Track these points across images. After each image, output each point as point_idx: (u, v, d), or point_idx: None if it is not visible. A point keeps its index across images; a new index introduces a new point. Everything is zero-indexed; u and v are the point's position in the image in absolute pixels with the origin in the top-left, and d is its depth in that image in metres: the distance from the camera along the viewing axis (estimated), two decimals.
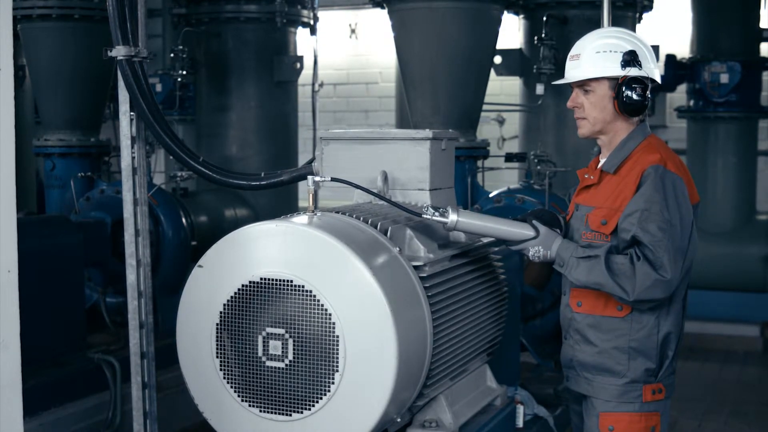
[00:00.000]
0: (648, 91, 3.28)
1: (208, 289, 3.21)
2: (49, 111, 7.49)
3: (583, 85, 3.33)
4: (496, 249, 3.99)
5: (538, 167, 6.51)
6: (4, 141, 2.87)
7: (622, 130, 3.34)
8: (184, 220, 6.87)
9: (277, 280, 3.09)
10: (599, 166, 3.38)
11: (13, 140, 2.90)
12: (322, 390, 3.06)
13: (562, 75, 3.42)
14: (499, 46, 7.11)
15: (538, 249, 3.29)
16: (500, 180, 8.45)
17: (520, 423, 4.10)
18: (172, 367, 4.09)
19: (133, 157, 4.37)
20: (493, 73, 7.24)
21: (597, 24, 5.44)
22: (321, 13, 8.72)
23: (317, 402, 3.07)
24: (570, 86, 3.39)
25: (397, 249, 3.28)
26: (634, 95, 3.25)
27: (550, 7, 7.40)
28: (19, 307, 2.92)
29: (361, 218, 3.36)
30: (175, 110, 9.15)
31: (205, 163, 4.47)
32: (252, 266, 3.14)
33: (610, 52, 3.28)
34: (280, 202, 7.75)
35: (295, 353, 3.08)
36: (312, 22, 8.43)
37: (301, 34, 8.54)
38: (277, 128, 8.20)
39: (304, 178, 3.82)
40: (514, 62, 7.97)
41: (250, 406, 3.17)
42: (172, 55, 8.44)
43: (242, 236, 3.20)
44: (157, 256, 6.50)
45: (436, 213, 3.35)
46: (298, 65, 8.10)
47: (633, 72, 3.25)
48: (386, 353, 3.00)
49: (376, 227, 3.33)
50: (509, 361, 4.65)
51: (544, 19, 7.27)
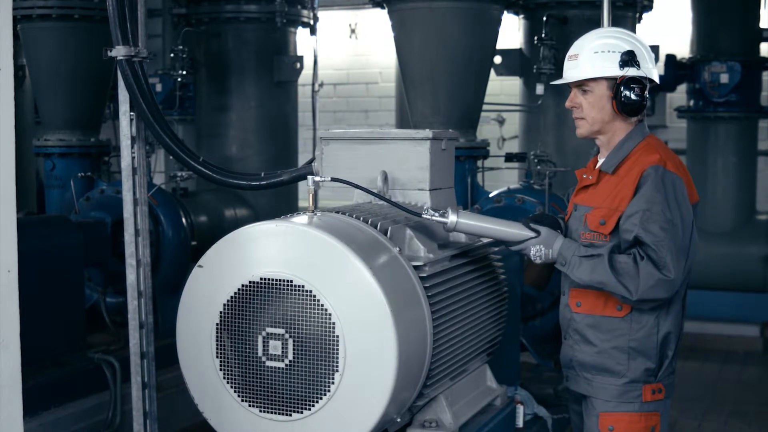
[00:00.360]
0: (646, 91, 3.27)
1: (208, 289, 3.21)
2: (49, 111, 7.49)
3: (582, 85, 3.32)
4: (496, 249, 3.98)
5: (538, 167, 6.51)
6: (4, 141, 2.87)
7: (621, 131, 3.33)
8: (184, 220, 6.87)
9: (277, 280, 3.09)
10: (597, 166, 3.37)
11: (13, 140, 2.90)
12: (322, 390, 3.06)
13: (561, 75, 3.42)
14: (499, 46, 7.11)
15: (540, 248, 3.27)
16: (500, 180, 8.45)
17: (520, 423, 4.10)
18: (172, 367, 4.09)
19: (133, 157, 4.38)
20: (493, 73, 7.23)
21: (597, 24, 5.44)
22: (321, 13, 8.72)
23: (317, 402, 3.07)
24: (568, 86, 3.38)
25: (397, 249, 3.28)
26: (633, 95, 3.24)
27: (550, 7, 7.40)
28: (19, 307, 2.92)
29: (361, 218, 3.36)
30: (175, 110, 9.14)
31: (205, 163, 4.47)
32: (252, 266, 3.14)
33: (609, 52, 3.27)
34: (280, 202, 7.75)
35: (295, 353, 3.08)
36: (312, 22, 8.42)
37: (301, 34, 8.54)
38: (277, 128, 8.20)
39: (304, 178, 3.83)
40: (514, 62, 7.97)
41: (250, 406, 3.16)
42: (172, 55, 8.44)
43: (242, 236, 3.20)
44: (157, 256, 6.50)
45: (436, 214, 3.35)
46: (298, 65, 8.10)
47: (631, 72, 3.24)
48: (386, 353, 3.00)
49: (376, 227, 3.33)
50: (509, 361, 4.65)
51: (544, 19, 7.27)
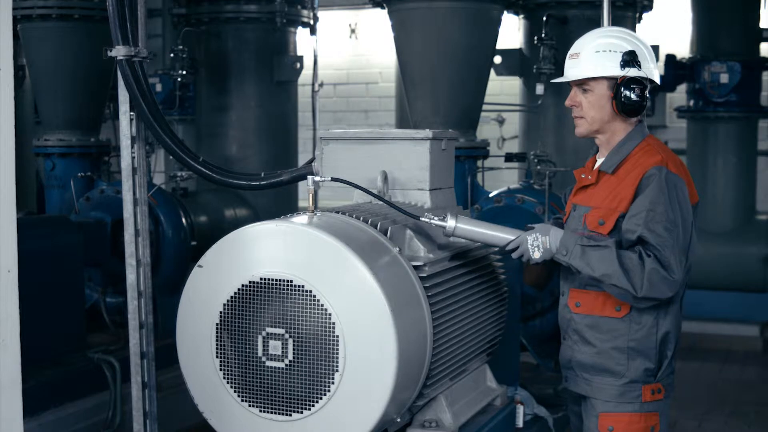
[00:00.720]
0: (647, 92, 3.25)
1: (208, 289, 3.21)
2: (49, 111, 7.49)
3: (582, 84, 3.31)
4: (497, 249, 3.98)
5: (538, 167, 6.51)
6: (4, 141, 2.87)
7: (620, 131, 3.32)
8: (184, 220, 6.87)
9: (277, 280, 3.09)
10: (597, 166, 3.36)
11: (13, 140, 2.91)
12: (321, 390, 3.06)
13: (562, 74, 3.41)
14: (499, 46, 7.11)
15: (536, 236, 3.24)
16: (500, 180, 8.45)
17: (520, 423, 4.10)
18: (172, 367, 4.09)
19: (133, 157, 4.37)
20: (493, 73, 7.23)
21: (597, 24, 5.43)
22: (321, 13, 8.72)
23: (317, 402, 3.07)
24: (569, 84, 3.37)
25: (397, 249, 3.28)
26: (633, 96, 3.22)
27: (550, 7, 7.40)
28: (19, 307, 2.92)
29: (361, 218, 3.36)
30: (175, 110, 9.14)
31: (205, 163, 4.46)
32: (252, 266, 3.14)
33: (610, 51, 3.26)
34: (280, 202, 7.74)
35: (295, 353, 3.08)
36: (312, 22, 8.42)
37: (301, 34, 8.54)
38: (277, 128, 8.20)
39: (304, 178, 3.82)
40: (514, 62, 7.97)
41: (249, 406, 3.17)
42: (172, 55, 8.44)
43: (242, 236, 3.20)
44: (157, 256, 6.49)
45: (435, 218, 3.33)
46: (298, 65, 8.10)
47: (632, 72, 3.23)
48: (386, 353, 3.00)
49: (376, 227, 3.33)
50: (509, 361, 4.65)
51: (544, 19, 7.27)
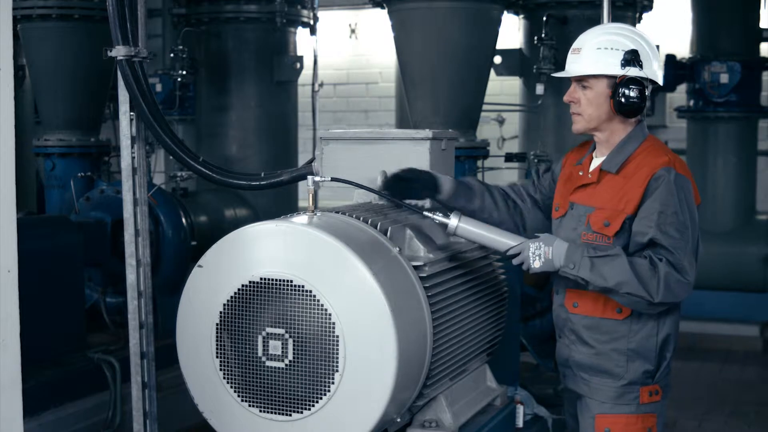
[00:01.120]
0: (646, 93, 3.20)
1: (208, 289, 3.21)
2: (49, 111, 7.49)
3: (581, 80, 3.25)
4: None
5: (538, 167, 6.51)
6: (4, 141, 2.87)
7: (620, 130, 3.27)
8: (184, 220, 6.86)
9: (277, 280, 3.09)
10: (598, 165, 3.30)
11: (13, 140, 2.91)
12: (321, 390, 3.06)
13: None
14: (499, 46, 7.11)
15: (539, 245, 3.15)
16: (500, 180, 8.38)
17: (520, 423, 4.09)
18: (172, 367, 4.09)
19: (133, 157, 4.37)
20: (493, 73, 7.23)
21: (597, 23, 5.42)
22: (321, 13, 8.71)
23: (317, 402, 3.07)
24: (569, 80, 3.32)
25: (397, 249, 3.28)
26: (631, 96, 3.16)
27: (550, 7, 7.40)
28: (19, 307, 2.92)
29: (361, 218, 3.36)
30: (175, 110, 9.15)
31: (205, 163, 4.46)
32: (252, 266, 3.14)
33: (612, 49, 3.20)
34: (280, 202, 7.75)
35: (295, 353, 3.07)
36: (312, 22, 8.42)
37: (301, 34, 8.54)
38: (277, 128, 8.20)
39: (304, 178, 3.82)
40: (514, 62, 7.98)
41: (249, 406, 3.16)
42: (172, 55, 8.45)
43: (242, 236, 3.19)
44: (157, 256, 6.49)
45: (439, 214, 3.32)
46: (298, 65, 8.10)
47: (632, 72, 3.18)
48: (386, 353, 3.00)
49: (376, 227, 3.33)
50: (509, 361, 4.65)
51: (544, 19, 7.27)
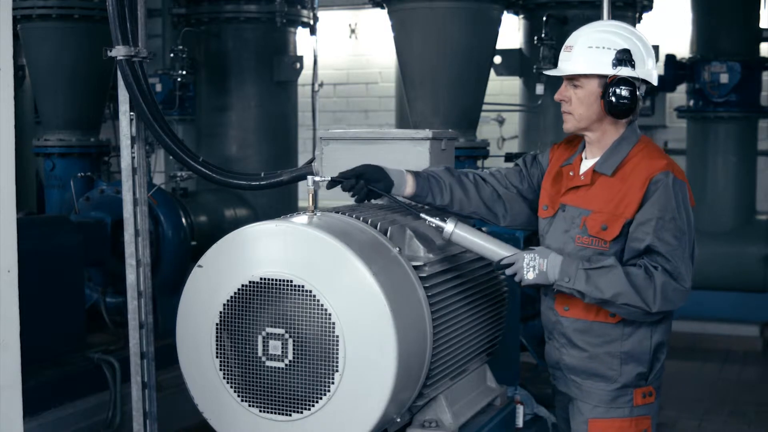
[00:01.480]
0: (638, 93, 3.11)
1: (207, 289, 3.21)
2: (49, 111, 7.49)
3: (573, 79, 3.17)
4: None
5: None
6: (4, 141, 2.87)
7: (611, 131, 3.19)
8: (184, 220, 6.87)
9: (276, 280, 3.09)
10: (590, 166, 3.21)
11: (12, 140, 2.91)
12: (321, 390, 3.06)
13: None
14: (499, 46, 7.11)
15: (534, 256, 3.11)
16: None
17: (520, 423, 4.09)
18: (172, 367, 4.08)
19: (133, 157, 4.38)
20: (493, 73, 7.23)
21: None
22: (321, 13, 8.72)
23: (317, 402, 3.07)
24: (562, 77, 3.24)
25: (397, 249, 3.28)
26: (622, 97, 3.08)
27: (550, 7, 7.41)
28: (19, 307, 2.92)
29: (361, 218, 3.36)
30: (175, 110, 9.15)
31: (205, 163, 4.47)
32: (252, 266, 3.14)
33: (604, 48, 3.11)
34: (280, 202, 7.75)
35: (294, 353, 3.08)
36: (312, 22, 8.43)
37: (301, 34, 8.54)
38: (277, 128, 8.20)
39: (304, 178, 3.82)
40: (514, 62, 7.98)
41: (250, 406, 3.16)
42: (172, 55, 8.45)
43: (242, 236, 3.19)
44: (157, 256, 6.49)
45: (436, 218, 3.29)
46: (298, 65, 8.10)
47: (624, 72, 3.09)
48: (386, 353, 3.00)
49: (376, 227, 3.33)
50: (509, 361, 4.65)
51: (544, 19, 7.27)
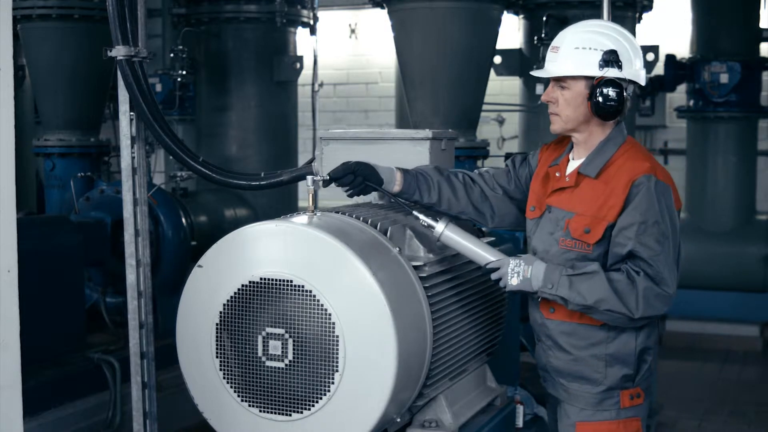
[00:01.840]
0: (626, 94, 3.08)
1: (207, 289, 3.21)
2: (49, 111, 7.48)
3: (560, 80, 3.16)
4: (496, 249, 3.97)
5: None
6: (4, 141, 2.87)
7: (598, 132, 3.17)
8: (184, 220, 6.86)
9: (276, 280, 3.09)
10: (575, 167, 3.20)
11: (12, 140, 2.91)
12: (321, 390, 3.06)
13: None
14: (499, 46, 7.11)
15: (519, 263, 3.12)
16: None
17: (520, 423, 4.09)
18: (172, 367, 4.08)
19: (133, 157, 4.38)
20: (493, 73, 7.23)
21: None
22: (321, 13, 8.71)
23: (317, 402, 3.07)
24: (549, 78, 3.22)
25: (397, 249, 3.28)
26: (608, 99, 3.05)
27: (550, 7, 7.40)
28: (19, 307, 2.92)
29: (361, 218, 3.36)
30: (175, 110, 9.15)
31: (205, 163, 4.46)
32: (252, 266, 3.14)
33: (590, 49, 3.10)
34: (280, 202, 7.75)
35: (294, 353, 3.08)
36: (312, 22, 8.42)
37: (301, 34, 8.54)
38: (277, 128, 8.20)
39: (304, 178, 3.82)
40: (514, 62, 7.97)
41: (249, 406, 3.16)
42: (172, 55, 8.45)
43: (242, 236, 3.19)
44: (157, 256, 6.49)
45: (428, 218, 3.28)
46: (298, 65, 8.10)
47: (611, 73, 3.06)
48: (386, 353, 3.00)
49: (376, 227, 3.33)
50: (509, 361, 4.65)
51: (544, 19, 7.27)
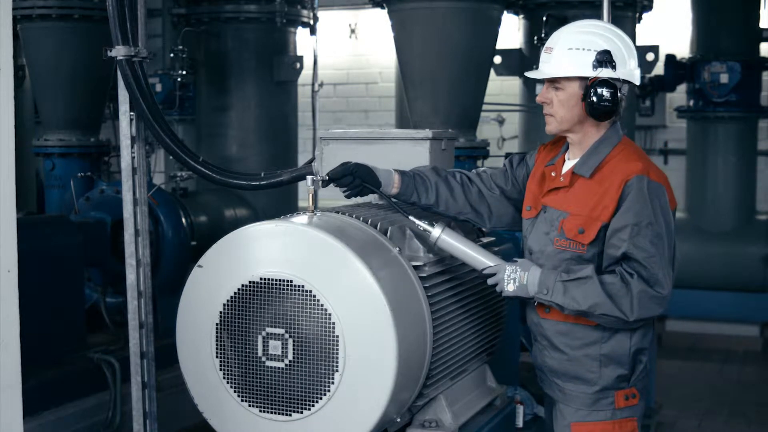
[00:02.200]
0: (620, 94, 3.09)
1: (207, 289, 3.21)
2: (49, 111, 7.48)
3: (554, 81, 3.15)
4: (496, 249, 3.98)
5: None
6: (4, 141, 2.87)
7: (593, 132, 3.18)
8: (184, 220, 6.86)
9: (276, 280, 3.09)
10: (570, 167, 3.21)
11: (12, 140, 2.91)
12: (321, 390, 3.06)
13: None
14: (499, 46, 7.11)
15: (515, 269, 3.13)
16: None
17: (520, 423, 4.09)
18: (172, 367, 4.09)
19: (133, 157, 4.37)
20: (493, 73, 7.23)
21: None
22: (321, 13, 8.71)
23: (317, 402, 3.07)
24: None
25: (397, 249, 3.28)
26: (603, 99, 3.05)
27: (550, 7, 7.39)
28: (19, 307, 2.92)
29: (361, 218, 3.36)
30: (175, 110, 9.14)
31: (205, 163, 4.46)
32: (252, 266, 3.14)
33: (583, 50, 3.09)
34: (280, 202, 7.74)
35: (294, 353, 3.08)
36: (312, 22, 8.42)
37: (301, 34, 8.53)
38: (277, 128, 8.20)
39: (304, 178, 3.82)
40: (514, 62, 7.96)
41: (249, 406, 3.17)
42: (172, 55, 8.45)
43: (242, 236, 3.20)
44: (157, 256, 6.49)
45: (424, 222, 3.27)
46: (298, 65, 8.10)
47: (605, 74, 3.06)
48: (386, 353, 3.00)
49: (376, 227, 3.33)
50: (509, 361, 4.65)
51: (544, 19, 7.26)
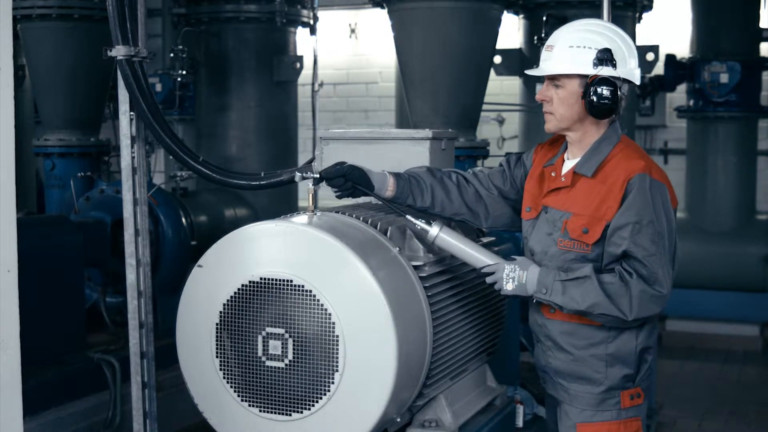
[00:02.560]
0: (620, 93, 3.09)
1: (207, 289, 3.21)
2: (49, 111, 7.48)
3: (554, 79, 3.15)
4: (496, 249, 3.98)
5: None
6: (4, 141, 2.87)
7: (592, 131, 3.18)
8: (184, 220, 6.86)
9: (276, 280, 3.10)
10: (571, 167, 3.20)
11: (12, 140, 2.91)
12: (321, 390, 3.06)
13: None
14: (499, 46, 7.11)
15: (514, 268, 3.13)
16: None
17: (520, 423, 4.10)
18: (172, 367, 4.09)
19: (133, 157, 4.38)
20: (493, 73, 7.23)
21: None
22: (321, 13, 8.70)
23: (317, 402, 3.07)
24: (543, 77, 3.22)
25: (397, 249, 3.28)
26: (602, 97, 3.06)
27: (550, 6, 7.39)
28: (19, 307, 2.92)
29: (361, 218, 3.36)
30: (175, 110, 9.14)
31: (205, 163, 4.46)
32: (252, 266, 3.14)
33: (584, 48, 3.09)
34: (280, 202, 7.74)
35: (294, 353, 3.08)
36: (312, 22, 8.41)
37: (301, 34, 8.53)
38: (277, 128, 8.19)
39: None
40: (514, 62, 7.96)
41: (250, 406, 3.17)
42: (172, 55, 8.44)
43: (242, 236, 3.20)
44: (157, 256, 6.49)
45: (421, 221, 3.27)
46: (298, 65, 8.09)
47: (605, 72, 3.07)
48: (386, 353, 3.00)
49: (376, 227, 3.34)
50: (509, 361, 4.66)
51: (544, 19, 7.26)
